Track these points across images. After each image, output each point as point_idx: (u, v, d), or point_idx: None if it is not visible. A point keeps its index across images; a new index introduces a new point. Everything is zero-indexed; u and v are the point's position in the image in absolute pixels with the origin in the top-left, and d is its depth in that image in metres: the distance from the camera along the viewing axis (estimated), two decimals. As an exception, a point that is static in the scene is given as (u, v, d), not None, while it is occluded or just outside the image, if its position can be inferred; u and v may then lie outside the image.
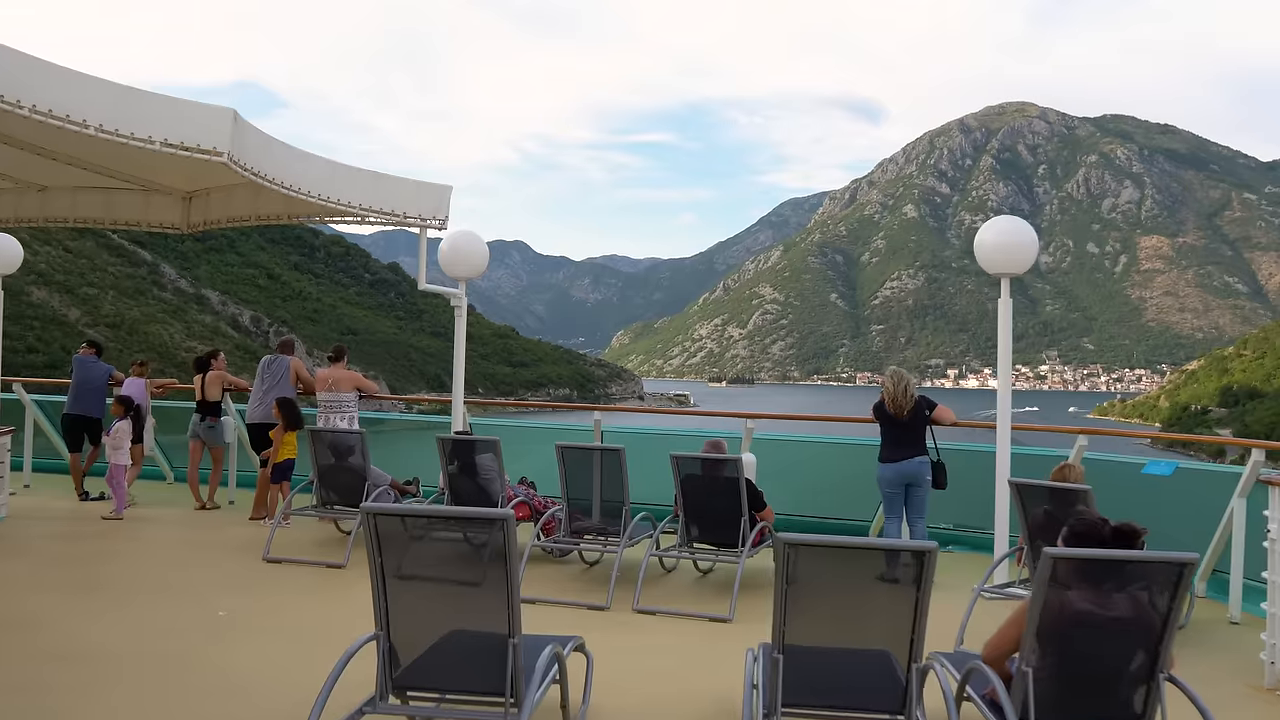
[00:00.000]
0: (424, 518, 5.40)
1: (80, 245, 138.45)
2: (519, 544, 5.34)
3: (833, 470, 14.06)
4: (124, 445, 13.77)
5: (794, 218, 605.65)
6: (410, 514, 5.32)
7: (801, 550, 4.96)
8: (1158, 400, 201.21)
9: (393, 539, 5.09)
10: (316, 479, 11.70)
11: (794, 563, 4.92)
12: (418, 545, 5.17)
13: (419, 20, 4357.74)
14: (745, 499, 9.72)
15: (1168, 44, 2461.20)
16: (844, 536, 5.46)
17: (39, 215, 13.84)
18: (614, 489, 10.22)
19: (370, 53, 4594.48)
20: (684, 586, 10.39)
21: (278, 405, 13.20)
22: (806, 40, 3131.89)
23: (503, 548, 4.91)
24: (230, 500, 14.99)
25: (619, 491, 10.19)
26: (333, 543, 12.03)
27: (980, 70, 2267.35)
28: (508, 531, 4.92)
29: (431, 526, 5.27)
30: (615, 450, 10.10)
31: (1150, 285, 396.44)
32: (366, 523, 4.97)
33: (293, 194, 10.53)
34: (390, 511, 5.17)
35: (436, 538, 5.22)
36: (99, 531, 12.62)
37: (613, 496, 10.27)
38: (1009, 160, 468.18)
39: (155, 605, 9.03)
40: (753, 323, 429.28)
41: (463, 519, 5.28)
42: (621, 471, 10.07)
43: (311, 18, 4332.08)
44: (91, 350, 15.68)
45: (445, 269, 12.89)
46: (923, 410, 11.01)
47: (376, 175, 11.72)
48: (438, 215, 12.23)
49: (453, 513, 5.47)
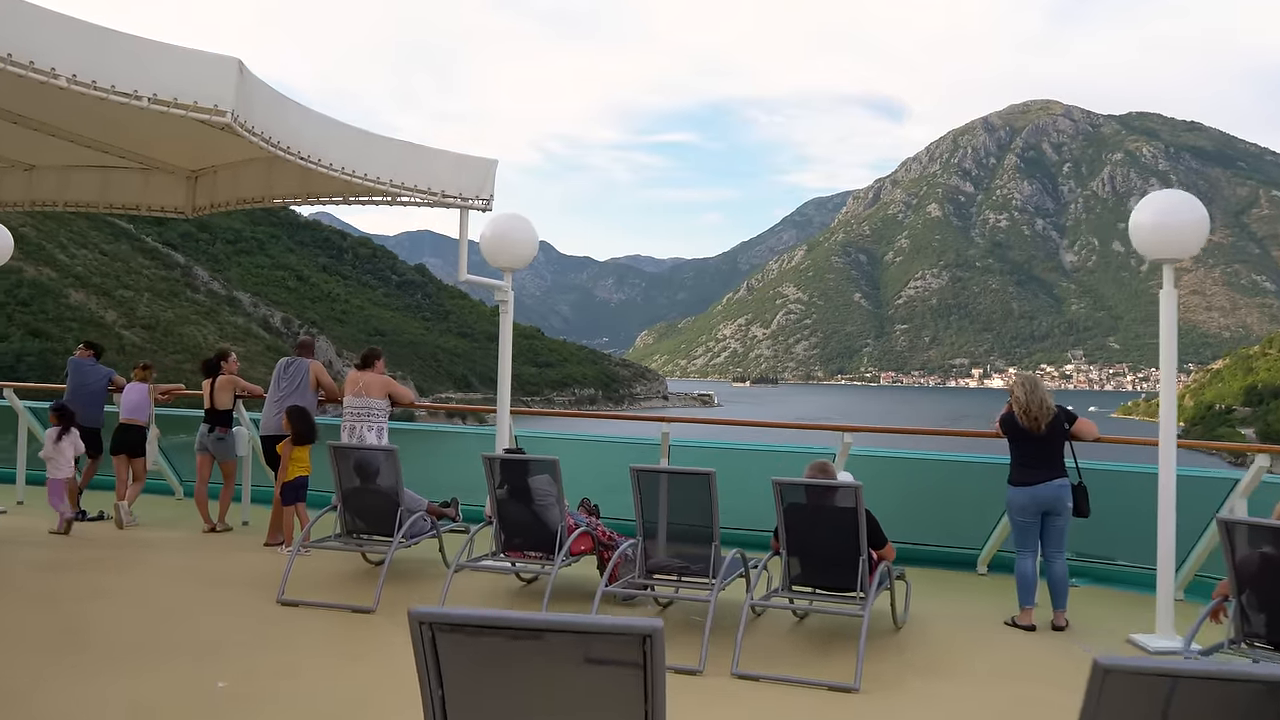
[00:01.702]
0: (514, 631, 3.11)
1: (115, 249, 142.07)
2: (565, 572, 3.21)
3: (933, 491, 12.23)
4: (58, 457, 12.53)
5: (817, 217, 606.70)
6: (493, 625, 3.07)
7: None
8: (1182, 399, 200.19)
9: (462, 660, 3.10)
10: (340, 503, 9.91)
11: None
12: (501, 671, 3.12)
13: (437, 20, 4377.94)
14: (863, 534, 7.92)
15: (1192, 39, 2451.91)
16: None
17: (25, 198, 12.19)
18: (700, 520, 8.35)
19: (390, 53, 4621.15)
20: (786, 640, 8.55)
21: (287, 415, 11.55)
22: (827, 39, 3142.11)
23: (645, 678, 2.93)
24: (244, 521, 13.34)
25: (707, 523, 8.32)
26: (360, 577, 10.28)
27: (1004, 68, 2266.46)
28: (653, 655, 2.92)
29: (525, 645, 3.09)
30: (703, 475, 8.20)
31: (1177, 284, 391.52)
32: (418, 634, 3.04)
33: (311, 166, 8.77)
34: (458, 621, 3.07)
35: (533, 659, 3.13)
36: (91, 560, 10.94)
37: (699, 529, 8.40)
38: (1033, 158, 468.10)
39: (142, 670, 7.25)
40: (776, 322, 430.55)
41: (577, 631, 3.02)
42: (710, 500, 8.21)
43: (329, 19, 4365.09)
44: (89, 352, 13.99)
45: (488, 258, 10.99)
46: (1061, 423, 9.19)
47: (411, 146, 9.88)
48: (481, 194, 10.38)
49: (560, 623, 3.06)
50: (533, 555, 9.36)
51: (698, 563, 8.45)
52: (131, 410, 13.36)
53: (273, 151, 8.35)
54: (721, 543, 8.44)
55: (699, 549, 8.43)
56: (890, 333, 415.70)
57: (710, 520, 8.29)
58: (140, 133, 10.27)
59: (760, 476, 8.61)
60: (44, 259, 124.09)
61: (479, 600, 9.52)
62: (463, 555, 9.23)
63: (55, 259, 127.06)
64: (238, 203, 11.52)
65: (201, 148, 10.83)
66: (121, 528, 12.69)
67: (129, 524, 12.77)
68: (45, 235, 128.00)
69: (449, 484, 12.52)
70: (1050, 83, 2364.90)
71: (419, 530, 10.04)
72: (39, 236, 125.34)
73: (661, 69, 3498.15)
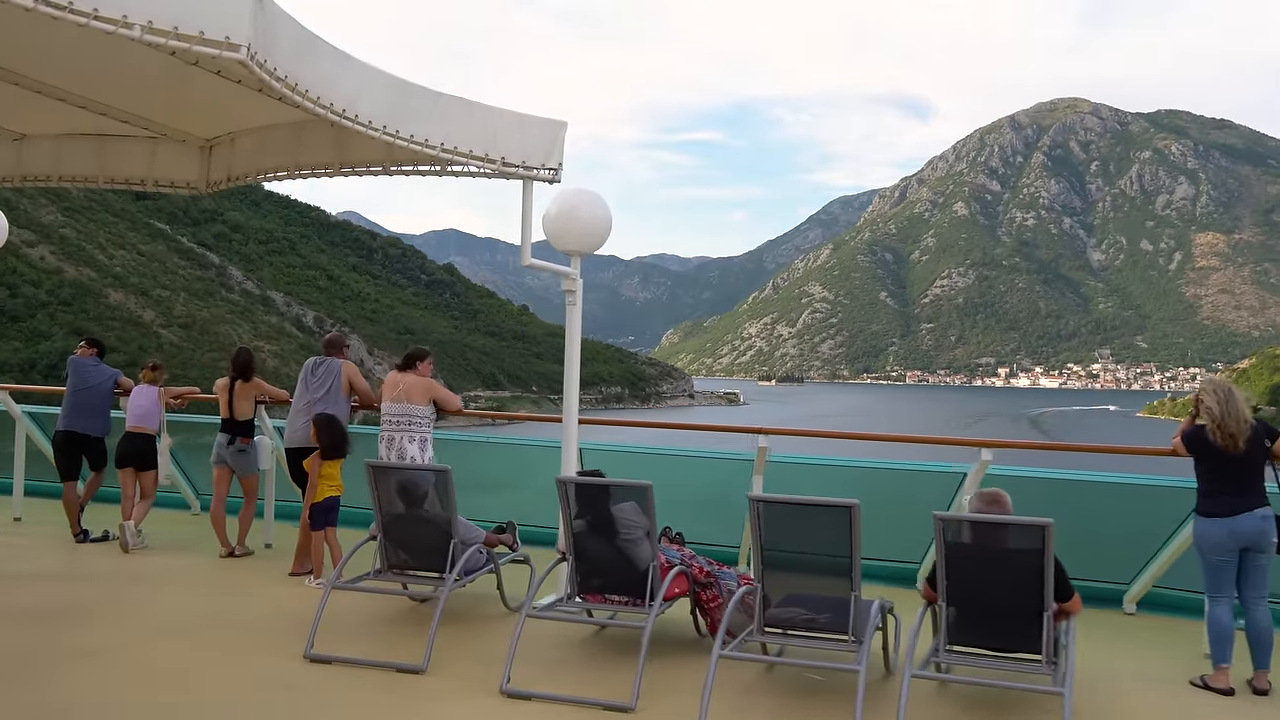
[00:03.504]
0: None
1: (152, 249, 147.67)
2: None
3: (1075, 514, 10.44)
4: None
5: (843, 216, 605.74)
6: None
7: None
8: None
9: None
10: (381, 533, 8.22)
11: None
12: None
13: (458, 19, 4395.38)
14: (1049, 583, 6.21)
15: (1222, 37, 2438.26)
16: None
17: (15, 172, 10.51)
18: (836, 562, 6.61)
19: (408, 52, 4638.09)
20: (942, 713, 6.80)
21: (315, 425, 9.90)
22: (854, 37, 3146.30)
23: None
24: (266, 543, 11.71)
25: (845, 567, 6.57)
26: (403, 620, 8.61)
27: (1031, 66, 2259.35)
28: None
29: None
30: (843, 507, 6.40)
31: (1205, 283, 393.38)
32: None
33: (347, 124, 7.09)
34: None
35: None
36: (87, 597, 9.34)
37: (833, 574, 6.65)
38: (1061, 157, 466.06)
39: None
40: (802, 321, 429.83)
41: None
42: (850, 538, 6.46)
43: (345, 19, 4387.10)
44: (91, 350, 12.33)
45: (553, 240, 9.18)
46: (1261, 440, 7.46)
47: (464, 102, 8.07)
48: (548, 163, 8.54)
49: None
50: (615, 599, 7.67)
51: (828, 613, 6.73)
52: (140, 417, 11.72)
53: (298, 103, 6.68)
54: (883, 599, 6.84)
55: (833, 597, 6.70)
56: (916, 331, 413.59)
57: (849, 563, 6.55)
58: (145, 91, 8.65)
59: (886, 503, 6.93)
60: (84, 260, 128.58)
61: (551, 656, 7.74)
62: (531, 599, 7.53)
63: (95, 259, 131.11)
64: (259, 175, 9.77)
65: (217, 110, 9.16)
66: (127, 551, 11.10)
67: (135, 547, 11.18)
68: (85, 236, 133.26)
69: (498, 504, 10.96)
70: (1078, 81, 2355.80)
71: (474, 565, 8.36)
72: (79, 238, 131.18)
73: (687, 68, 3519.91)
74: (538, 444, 12.51)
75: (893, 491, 10.18)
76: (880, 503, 7.24)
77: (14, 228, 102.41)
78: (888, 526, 7.03)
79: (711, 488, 11.72)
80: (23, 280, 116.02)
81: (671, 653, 7.72)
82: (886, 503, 6.99)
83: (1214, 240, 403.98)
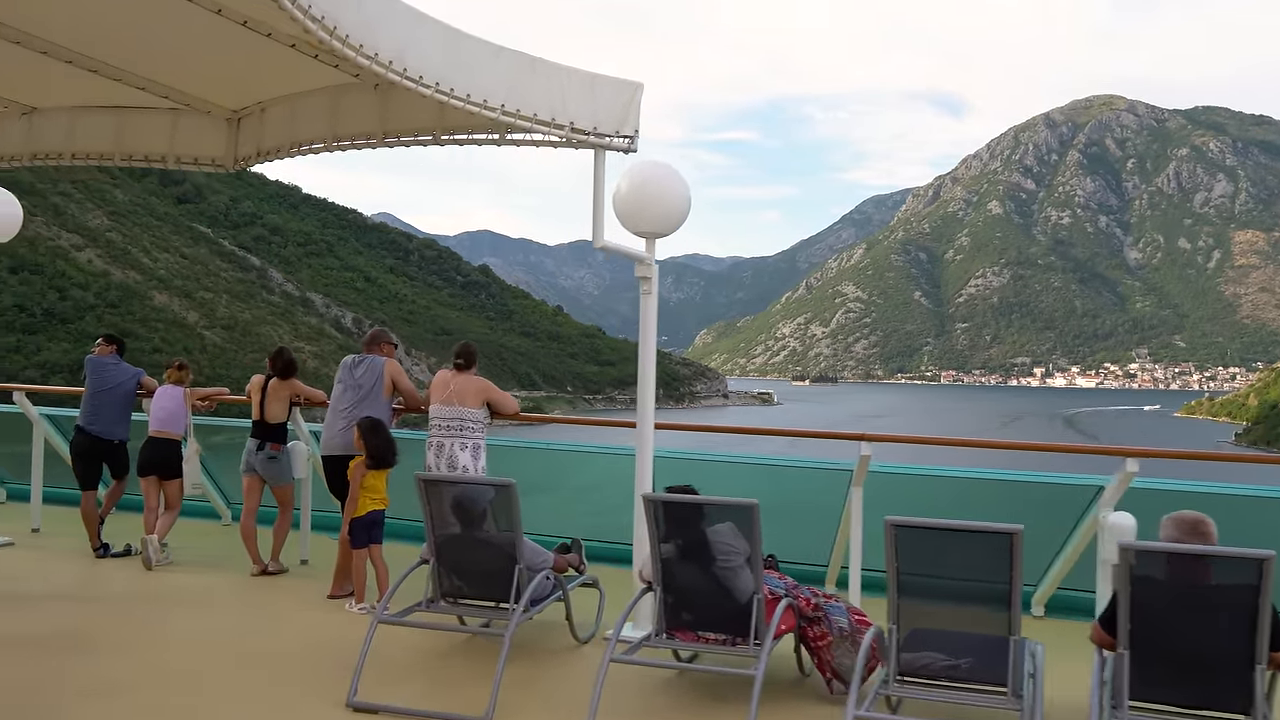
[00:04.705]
0: None
1: (195, 252, 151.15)
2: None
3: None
4: None
5: (877, 215, 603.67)
6: None
7: None
8: (1246, 398, 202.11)
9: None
10: (434, 556, 7.10)
11: None
12: None
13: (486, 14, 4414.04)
14: (1264, 630, 5.04)
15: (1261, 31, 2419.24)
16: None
17: (25, 150, 9.56)
18: (994, 596, 5.45)
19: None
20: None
21: (359, 430, 8.72)
22: (886, 34, 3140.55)
23: None
24: (302, 559, 10.61)
25: (1002, 605, 5.41)
26: (461, 656, 7.51)
27: (1065, 63, 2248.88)
28: None
29: None
30: (1004, 534, 5.25)
31: (1245, 281, 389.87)
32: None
33: (392, 76, 6.00)
34: None
35: None
36: (100, 624, 8.27)
37: (990, 611, 5.49)
38: (1096, 154, 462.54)
39: None
40: (836, 321, 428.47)
41: None
42: (1010, 570, 5.30)
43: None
44: (110, 348, 11.22)
45: (624, 220, 7.91)
46: None
47: (529, 58, 6.98)
48: (623, 129, 7.41)
49: None
50: (710, 638, 6.53)
51: (978, 659, 5.56)
52: (163, 420, 10.64)
53: (336, 49, 5.62)
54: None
55: (985, 639, 5.53)
56: (950, 331, 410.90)
57: (1007, 599, 5.41)
58: (164, 53, 7.65)
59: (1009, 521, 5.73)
60: (130, 263, 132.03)
61: (635, 705, 6.60)
62: (617, 637, 6.36)
63: (140, 262, 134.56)
64: (293, 148, 8.62)
65: (245, 76, 8.13)
66: (149, 569, 10.05)
67: (160, 564, 10.13)
68: (130, 240, 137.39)
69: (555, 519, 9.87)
70: (1114, 78, 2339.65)
71: (542, 593, 7.26)
72: (125, 241, 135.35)
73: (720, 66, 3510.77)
74: (600, 451, 11.39)
75: (1014, 508, 9.02)
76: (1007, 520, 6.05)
77: (63, 231, 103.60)
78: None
79: (793, 499, 10.51)
80: (71, 283, 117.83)
81: (774, 698, 6.55)
82: (1010, 520, 5.83)
83: (1253, 238, 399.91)
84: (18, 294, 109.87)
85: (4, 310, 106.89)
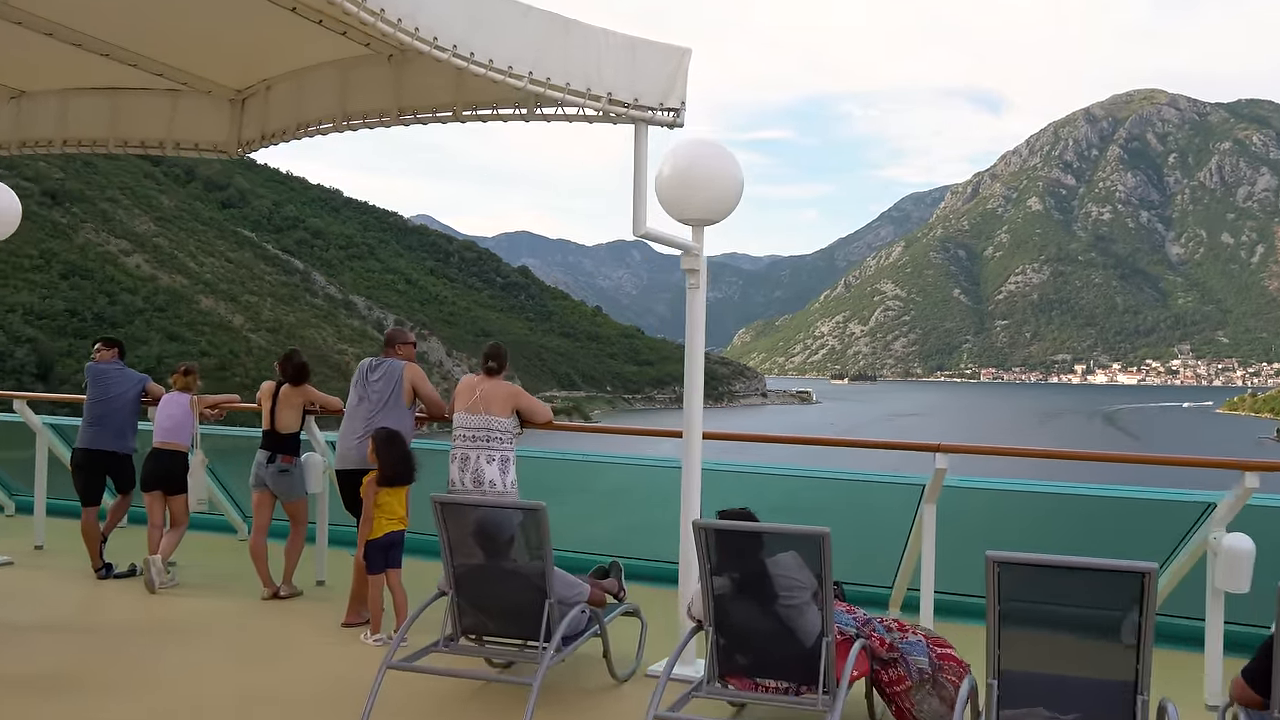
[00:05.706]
0: None
1: (240, 256, 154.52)
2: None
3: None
4: None
5: (915, 213, 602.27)
6: None
7: None
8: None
9: None
10: (453, 588, 6.27)
11: None
12: None
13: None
14: None
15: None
16: None
17: (12, 138, 8.81)
18: (1119, 645, 4.53)
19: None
20: None
21: (373, 442, 7.87)
22: (924, 31, 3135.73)
23: None
24: (318, 580, 9.77)
25: (1131, 652, 4.47)
26: (484, 699, 6.64)
27: (1105, 59, 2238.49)
28: None
29: None
30: (1135, 573, 4.33)
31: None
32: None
33: (403, 37, 5.17)
34: None
35: None
36: (93, 659, 7.49)
37: (1114, 662, 4.56)
38: (1137, 149, 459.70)
39: None
40: (874, 319, 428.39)
41: None
42: (1141, 616, 4.39)
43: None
44: (111, 352, 10.40)
45: (669, 207, 7.01)
46: None
47: (561, 19, 6.11)
48: (667, 101, 6.52)
49: None
50: (770, 685, 5.63)
51: (1083, 710, 4.67)
52: (169, 430, 9.83)
53: (345, 5, 4.78)
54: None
55: (1105, 689, 4.62)
56: (990, 328, 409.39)
57: (1136, 650, 4.50)
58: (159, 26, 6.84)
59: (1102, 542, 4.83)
60: (176, 267, 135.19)
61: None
62: (664, 684, 5.49)
63: (186, 267, 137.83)
64: (299, 129, 7.76)
65: (248, 50, 7.32)
66: (153, 592, 9.24)
67: (164, 586, 9.32)
68: (176, 245, 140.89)
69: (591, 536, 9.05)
70: (1154, 71, 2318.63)
71: (576, 629, 6.38)
72: (171, 246, 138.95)
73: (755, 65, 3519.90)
74: (642, 463, 10.51)
75: (1111, 528, 8.07)
76: (1097, 541, 5.15)
77: (111, 237, 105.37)
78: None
79: (853, 515, 9.58)
80: (120, 288, 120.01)
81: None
82: (1103, 542, 4.93)
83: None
84: (69, 299, 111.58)
85: (56, 315, 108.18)
